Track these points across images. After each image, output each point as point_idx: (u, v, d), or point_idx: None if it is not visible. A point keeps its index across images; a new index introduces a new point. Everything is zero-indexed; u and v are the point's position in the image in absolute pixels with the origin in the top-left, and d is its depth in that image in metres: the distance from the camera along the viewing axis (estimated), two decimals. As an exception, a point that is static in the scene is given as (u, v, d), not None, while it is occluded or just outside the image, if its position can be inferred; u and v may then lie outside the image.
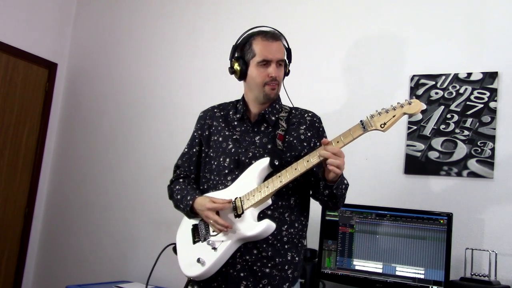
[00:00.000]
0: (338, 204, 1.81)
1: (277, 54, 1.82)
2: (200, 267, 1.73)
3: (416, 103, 1.66)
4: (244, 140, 1.86)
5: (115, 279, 3.29)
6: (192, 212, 1.82)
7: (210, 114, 1.99)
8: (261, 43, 1.82)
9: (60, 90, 3.99)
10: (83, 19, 4.03)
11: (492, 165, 2.40)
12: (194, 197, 1.81)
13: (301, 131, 1.87)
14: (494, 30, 2.52)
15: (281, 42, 1.86)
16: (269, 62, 1.82)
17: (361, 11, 2.89)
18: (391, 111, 1.66)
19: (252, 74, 1.85)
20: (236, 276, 1.74)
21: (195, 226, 1.83)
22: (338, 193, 1.74)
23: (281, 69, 1.86)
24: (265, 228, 1.67)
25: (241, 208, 1.72)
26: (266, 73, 1.82)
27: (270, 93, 1.84)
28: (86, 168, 3.74)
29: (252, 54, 1.84)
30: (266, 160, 1.77)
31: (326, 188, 1.73)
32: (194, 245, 1.80)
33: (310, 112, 1.94)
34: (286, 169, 1.72)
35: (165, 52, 3.55)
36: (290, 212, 1.81)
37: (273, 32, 1.86)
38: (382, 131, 1.67)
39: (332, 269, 2.43)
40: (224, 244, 1.72)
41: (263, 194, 1.71)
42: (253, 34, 1.87)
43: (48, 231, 3.83)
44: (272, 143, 1.82)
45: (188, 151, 2.00)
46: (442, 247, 2.22)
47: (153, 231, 3.31)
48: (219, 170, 1.85)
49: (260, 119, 1.88)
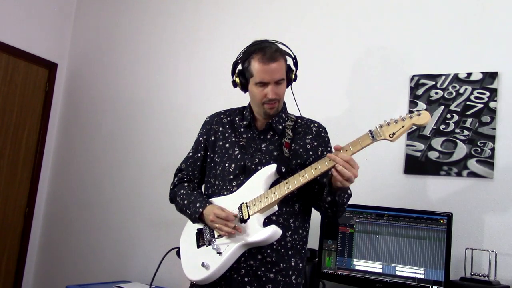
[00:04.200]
0: (337, 213, 1.80)
1: (274, 75, 1.78)
2: (205, 271, 1.71)
3: (425, 115, 1.66)
4: (250, 146, 1.86)
5: (115, 279, 3.29)
6: (200, 218, 1.81)
7: (216, 119, 1.98)
8: (258, 65, 1.77)
9: (60, 90, 3.99)
10: (83, 19, 4.03)
11: (492, 165, 2.40)
12: (205, 205, 1.79)
13: (307, 141, 1.87)
14: (494, 30, 2.52)
15: (280, 61, 1.80)
16: (267, 84, 1.79)
17: (361, 12, 2.89)
18: (400, 122, 1.66)
19: (251, 92, 1.86)
20: (240, 281, 1.74)
21: (200, 231, 1.82)
22: (340, 201, 1.73)
23: (281, 86, 1.82)
24: (271, 233, 1.66)
25: (247, 214, 1.71)
26: (263, 93, 1.80)
27: (269, 112, 1.84)
28: (86, 168, 3.74)
29: (250, 73, 1.82)
30: (273, 167, 1.76)
31: (330, 194, 1.72)
32: (199, 249, 1.79)
33: (316, 122, 1.95)
34: (294, 176, 1.72)
35: (165, 52, 3.55)
36: (295, 218, 1.81)
37: (271, 52, 1.78)
38: (391, 141, 1.68)
39: (332, 269, 2.43)
40: (229, 249, 1.70)
41: (270, 200, 1.71)
42: (251, 52, 1.81)
43: (48, 231, 3.83)
44: (278, 150, 1.82)
45: (193, 155, 1.99)
46: (442, 247, 2.22)
47: (153, 231, 3.31)
48: (224, 176, 1.85)
49: (267, 128, 1.88)
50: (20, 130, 3.73)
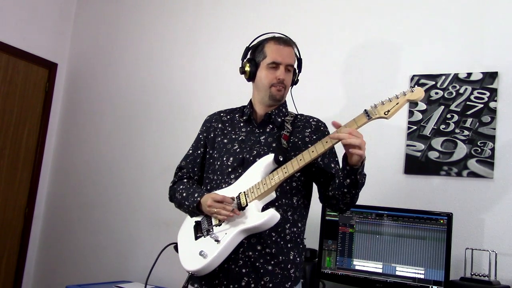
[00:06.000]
0: (355, 197, 1.75)
1: (287, 58, 1.87)
2: (202, 260, 1.69)
3: (419, 90, 1.67)
4: (249, 139, 1.88)
5: (115, 279, 3.29)
6: (198, 209, 1.81)
7: (216, 117, 2.02)
8: (273, 46, 1.87)
9: (60, 90, 3.99)
10: (83, 19, 4.03)
11: (492, 165, 2.40)
12: (203, 194, 1.80)
13: (306, 134, 1.88)
14: (494, 30, 2.52)
15: (293, 49, 1.91)
16: (279, 65, 1.86)
17: (361, 11, 2.89)
18: (394, 99, 1.68)
19: (261, 75, 1.89)
20: (238, 272, 1.73)
21: (198, 223, 1.83)
22: (360, 181, 1.69)
23: (289, 74, 1.90)
24: (269, 217, 1.65)
25: (245, 201, 1.71)
26: (274, 75, 1.86)
27: (276, 94, 1.87)
28: (86, 168, 3.74)
29: (263, 56, 1.88)
30: (270, 156, 1.77)
31: (349, 175, 1.67)
32: (197, 240, 1.79)
33: (315, 118, 1.97)
34: (291, 161, 1.72)
35: (165, 52, 3.55)
36: (293, 211, 1.81)
37: (286, 38, 1.92)
38: (386, 118, 1.67)
39: (332, 269, 2.43)
40: (228, 236, 1.70)
41: (268, 186, 1.71)
42: (266, 37, 1.92)
43: (48, 231, 3.83)
44: (277, 142, 1.84)
45: (193, 152, 2.01)
46: (442, 247, 2.22)
47: (153, 231, 3.31)
48: (222, 169, 1.86)
49: (266, 119, 1.90)
50: (20, 130, 3.73)
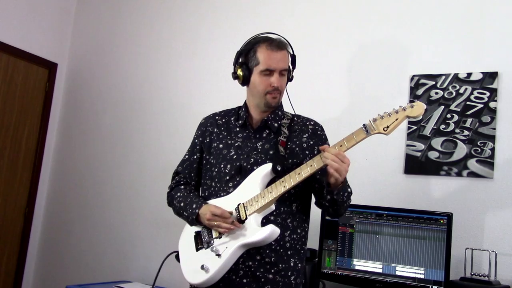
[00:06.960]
0: (339, 211, 1.79)
1: (280, 63, 1.80)
2: (204, 274, 1.71)
3: (419, 106, 1.64)
4: (246, 146, 1.85)
5: (115, 279, 3.29)
6: (197, 220, 1.80)
7: (211, 121, 1.98)
8: (265, 52, 1.79)
9: (60, 90, 3.99)
10: (83, 19, 4.03)
11: (492, 165, 2.40)
12: (201, 205, 1.78)
13: (304, 139, 1.86)
14: (494, 30, 2.52)
15: (286, 51, 1.84)
16: (272, 72, 1.80)
17: (361, 11, 2.89)
18: (394, 114, 1.64)
19: (254, 82, 1.83)
20: (239, 283, 1.73)
21: (198, 233, 1.82)
22: (339, 200, 1.72)
23: (284, 78, 1.84)
24: (269, 233, 1.65)
25: (245, 214, 1.71)
26: (268, 82, 1.80)
27: (271, 102, 1.83)
28: (86, 168, 3.74)
29: (255, 61, 1.81)
30: (268, 166, 1.75)
31: (328, 193, 1.72)
32: (198, 252, 1.78)
33: (312, 120, 1.94)
34: (289, 174, 1.71)
35: (165, 52, 3.55)
36: (293, 218, 1.80)
37: (279, 40, 1.83)
38: (385, 134, 1.66)
39: (332, 269, 2.43)
40: (228, 250, 1.70)
41: (266, 200, 1.70)
42: (258, 41, 1.84)
43: (48, 231, 3.83)
44: (274, 149, 1.81)
45: (189, 157, 1.98)
46: (442, 247, 2.22)
47: (153, 231, 3.31)
48: (220, 177, 1.84)
49: (262, 125, 1.87)
50: (20, 130, 3.73)
